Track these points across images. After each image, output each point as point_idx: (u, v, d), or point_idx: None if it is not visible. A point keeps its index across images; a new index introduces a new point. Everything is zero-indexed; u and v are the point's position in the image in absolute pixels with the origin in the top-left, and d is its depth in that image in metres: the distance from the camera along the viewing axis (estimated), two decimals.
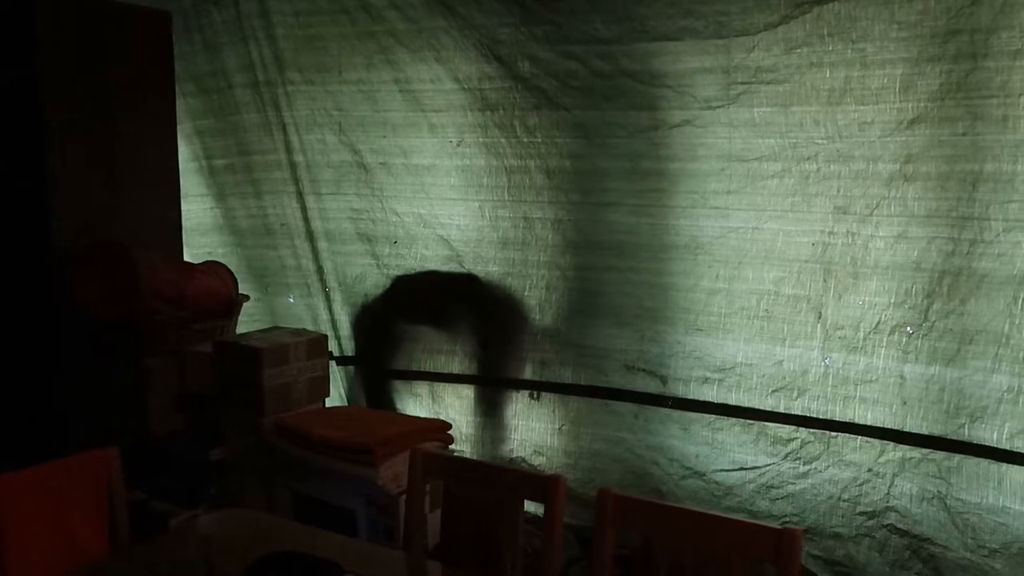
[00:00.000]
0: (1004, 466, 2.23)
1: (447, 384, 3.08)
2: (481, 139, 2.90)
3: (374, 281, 3.20)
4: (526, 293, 2.90)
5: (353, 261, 3.23)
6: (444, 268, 3.06)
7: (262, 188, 3.35)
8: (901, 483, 2.36)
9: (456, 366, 3.06)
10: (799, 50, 2.36)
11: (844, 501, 2.43)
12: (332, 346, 3.29)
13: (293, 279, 3.38)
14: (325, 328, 3.29)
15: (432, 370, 3.10)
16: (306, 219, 3.27)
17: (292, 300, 3.41)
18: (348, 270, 3.24)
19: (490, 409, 3.01)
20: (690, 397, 2.64)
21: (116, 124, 3.07)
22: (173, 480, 2.80)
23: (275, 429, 2.72)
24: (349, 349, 3.33)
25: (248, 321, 3.46)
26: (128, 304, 2.86)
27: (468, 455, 3.01)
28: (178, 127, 3.41)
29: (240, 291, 3.34)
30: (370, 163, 3.13)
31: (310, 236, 3.28)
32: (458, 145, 2.94)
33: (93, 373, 2.92)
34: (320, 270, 3.29)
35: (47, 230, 2.91)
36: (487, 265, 2.96)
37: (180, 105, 3.43)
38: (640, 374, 2.71)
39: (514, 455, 2.96)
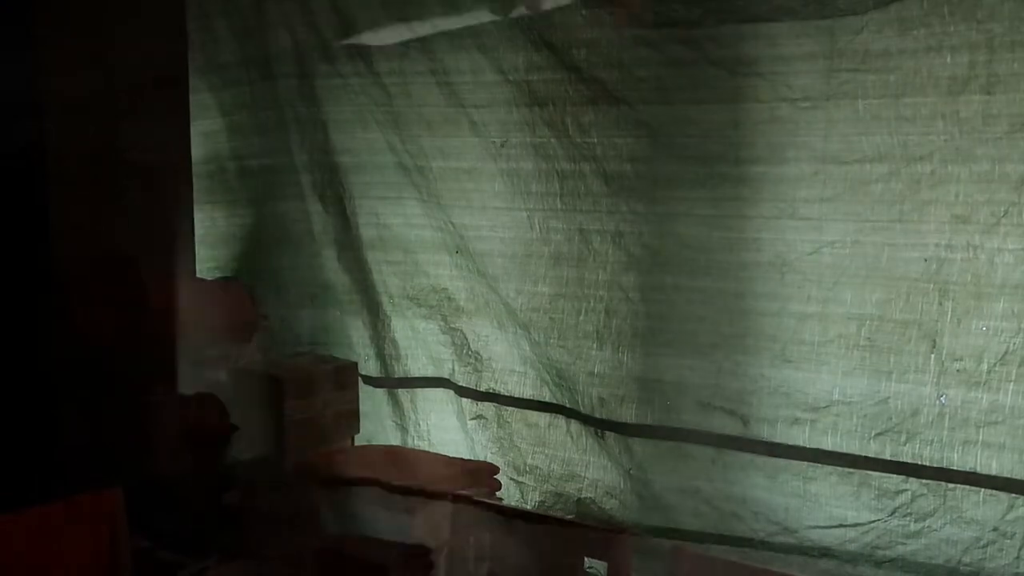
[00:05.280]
0: None
1: (515, 409, 2.99)
2: (528, 139, 2.80)
3: (440, 291, 3.14)
4: (581, 318, 2.79)
5: (408, 271, 3.18)
6: None
7: (305, 191, 3.31)
8: None
9: (528, 389, 2.97)
10: (915, 32, 2.22)
11: (965, 566, 2.27)
12: (374, 367, 3.25)
13: (341, 292, 3.33)
14: (370, 344, 3.25)
15: (501, 391, 3.03)
16: (349, 226, 3.24)
17: (338, 314, 3.37)
18: (400, 281, 3.19)
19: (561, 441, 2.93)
20: (777, 440, 2.50)
21: (120, 121, 3.05)
22: (182, 526, 2.75)
23: (297, 470, 2.70)
24: (400, 370, 3.26)
25: (284, 340, 3.41)
26: (132, 326, 2.88)
27: (531, 488, 2.95)
28: (203, 124, 3.40)
29: (282, 306, 3.37)
30: (409, 165, 3.07)
31: (355, 244, 3.25)
32: (502, 146, 2.86)
33: (94, 404, 2.92)
34: (365, 282, 3.25)
35: (43, 242, 2.89)
36: (536, 284, 2.85)
37: (205, 99, 3.42)
38: (717, 412, 2.57)
39: (583, 495, 2.86)
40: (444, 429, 3.21)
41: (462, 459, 2.95)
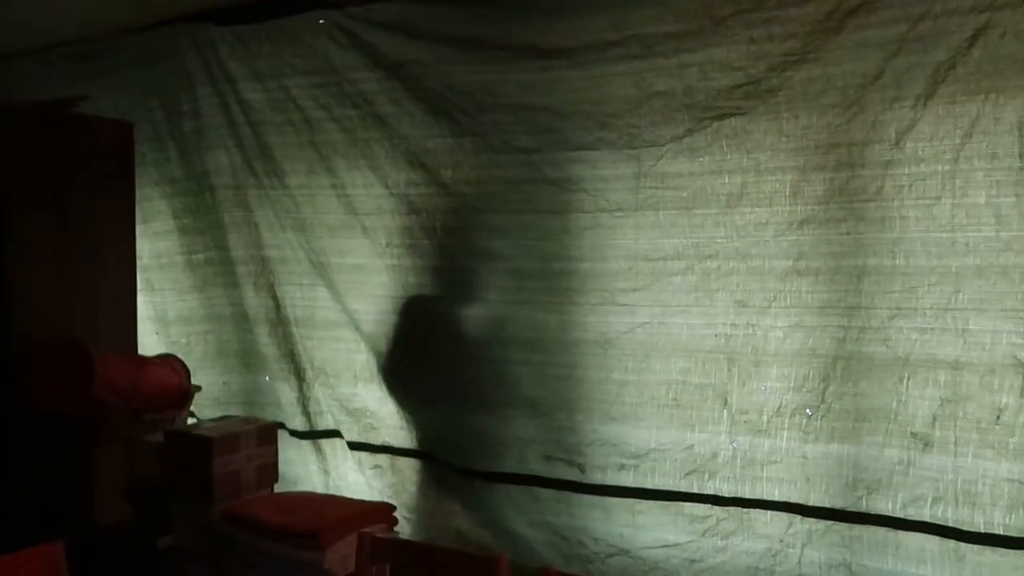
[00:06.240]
0: (900, 533, 2.03)
1: (406, 458, 2.76)
2: (408, 241, 2.63)
3: (344, 362, 2.90)
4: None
5: (319, 345, 2.93)
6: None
7: (239, 280, 3.06)
8: (810, 552, 2.13)
9: (411, 443, 2.74)
10: (701, 159, 2.17)
11: (761, 570, 2.18)
12: (300, 422, 2.97)
13: (271, 361, 3.05)
14: (296, 403, 2.99)
15: (393, 444, 2.79)
16: (279, 307, 2.97)
17: (267, 379, 3.08)
18: (318, 353, 2.94)
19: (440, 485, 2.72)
20: (608, 483, 2.35)
21: (75, 226, 2.78)
22: (121, 570, 2.47)
23: (224, 516, 2.42)
24: (321, 425, 2.98)
25: (225, 400, 3.18)
26: (81, 398, 2.57)
27: (418, 523, 2.71)
28: (161, 224, 3.16)
29: (223, 373, 3.12)
30: (315, 260, 2.85)
31: (283, 322, 2.98)
32: (387, 246, 2.67)
33: (43, 465, 2.58)
34: (292, 353, 2.98)
35: (5, 328, 2.60)
36: (415, 358, 2.66)
37: (160, 206, 3.18)
38: (559, 462, 2.41)
39: (462, 528, 2.65)
40: (356, 473, 2.96)
41: (365, 500, 2.72)
